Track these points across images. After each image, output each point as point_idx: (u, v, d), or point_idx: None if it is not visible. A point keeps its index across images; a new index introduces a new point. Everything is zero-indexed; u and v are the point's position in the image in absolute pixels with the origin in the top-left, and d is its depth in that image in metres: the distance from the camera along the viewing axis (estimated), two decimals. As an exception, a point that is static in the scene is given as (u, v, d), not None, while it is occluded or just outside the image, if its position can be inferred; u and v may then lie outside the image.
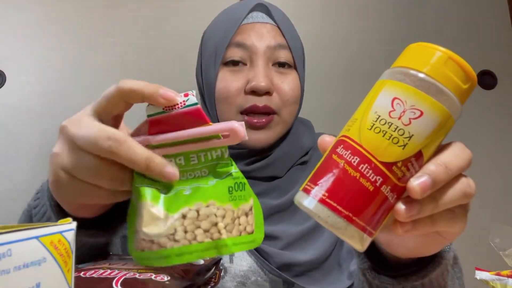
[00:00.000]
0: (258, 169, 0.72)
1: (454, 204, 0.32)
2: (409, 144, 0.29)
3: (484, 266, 0.51)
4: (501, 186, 1.26)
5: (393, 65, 0.32)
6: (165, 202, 0.35)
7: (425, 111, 0.29)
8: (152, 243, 0.34)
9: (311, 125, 0.84)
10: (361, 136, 0.30)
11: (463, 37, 1.32)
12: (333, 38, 1.28)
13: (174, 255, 0.34)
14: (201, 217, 0.35)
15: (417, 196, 0.29)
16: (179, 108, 0.35)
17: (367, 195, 0.29)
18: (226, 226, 0.35)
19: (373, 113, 0.30)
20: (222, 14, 0.76)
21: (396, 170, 0.29)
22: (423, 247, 0.37)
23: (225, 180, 0.37)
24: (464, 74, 0.31)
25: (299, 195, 0.32)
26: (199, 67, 0.76)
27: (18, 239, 0.24)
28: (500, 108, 1.30)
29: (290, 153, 0.74)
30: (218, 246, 0.35)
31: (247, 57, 0.69)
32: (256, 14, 0.71)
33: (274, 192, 0.72)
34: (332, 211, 0.29)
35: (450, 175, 0.31)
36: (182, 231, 0.34)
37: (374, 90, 0.32)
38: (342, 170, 0.29)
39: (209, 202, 0.35)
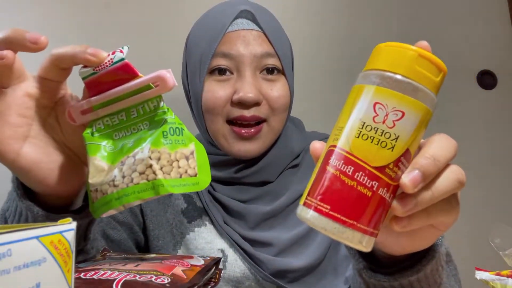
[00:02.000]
0: (248, 175, 0.71)
1: (449, 193, 0.33)
2: (396, 145, 0.30)
3: (484, 266, 0.51)
4: (501, 186, 1.26)
5: (366, 68, 0.33)
6: (110, 156, 0.38)
7: (406, 111, 0.30)
8: (97, 192, 0.37)
9: (301, 125, 0.82)
10: (350, 145, 0.31)
11: (463, 37, 1.32)
12: (332, 38, 1.28)
13: (114, 199, 0.36)
14: (137, 162, 0.36)
15: (410, 190, 0.30)
16: (108, 66, 0.37)
17: (367, 200, 0.30)
18: (162, 168, 0.36)
19: (357, 121, 0.31)
20: (206, 19, 0.73)
21: (389, 172, 0.31)
22: (417, 241, 0.38)
23: (162, 126, 0.38)
24: (435, 67, 0.32)
25: (301, 210, 0.32)
26: (184, 74, 0.74)
27: (18, 239, 0.24)
28: (500, 108, 1.30)
29: (280, 157, 0.73)
30: (154, 187, 0.36)
31: (233, 67, 0.67)
32: (241, 20, 0.68)
33: (266, 197, 0.72)
34: (337, 222, 0.30)
35: (439, 166, 0.32)
36: (121, 176, 0.36)
37: (353, 96, 0.32)
38: (339, 180, 0.30)
39: (144, 146, 0.37)
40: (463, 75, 1.30)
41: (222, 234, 0.69)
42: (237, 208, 0.70)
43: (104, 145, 0.39)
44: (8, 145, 0.38)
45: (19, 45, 0.36)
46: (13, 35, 0.36)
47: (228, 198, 0.71)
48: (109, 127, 0.40)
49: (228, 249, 0.68)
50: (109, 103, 0.39)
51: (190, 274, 0.40)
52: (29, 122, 0.39)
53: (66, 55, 0.37)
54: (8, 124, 0.38)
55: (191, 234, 0.69)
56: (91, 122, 0.40)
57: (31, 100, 0.39)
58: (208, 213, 0.70)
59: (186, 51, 0.75)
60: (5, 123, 0.38)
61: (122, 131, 0.39)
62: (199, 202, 0.72)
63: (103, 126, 0.40)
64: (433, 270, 0.41)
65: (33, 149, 0.39)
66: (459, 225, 1.40)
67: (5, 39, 0.35)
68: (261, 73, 0.68)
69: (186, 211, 0.71)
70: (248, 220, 0.70)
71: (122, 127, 0.39)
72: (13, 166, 0.39)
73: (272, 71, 0.68)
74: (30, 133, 0.39)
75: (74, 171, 0.42)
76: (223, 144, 0.69)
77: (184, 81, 0.74)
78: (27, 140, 0.39)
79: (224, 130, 0.68)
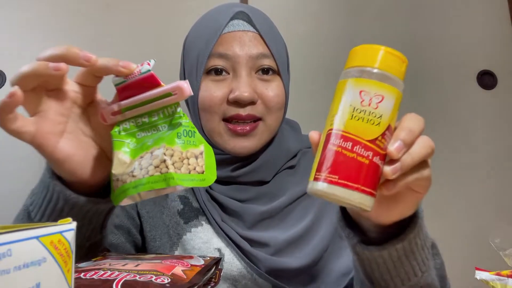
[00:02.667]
0: (244, 174, 0.71)
1: (424, 156, 0.40)
2: (381, 122, 0.38)
3: (484, 266, 0.51)
4: (501, 186, 1.26)
5: (347, 66, 0.41)
6: (132, 152, 0.45)
7: (385, 95, 0.39)
8: (118, 181, 0.43)
9: (298, 127, 0.83)
10: (345, 125, 0.38)
11: (463, 37, 1.32)
12: (330, 39, 1.28)
13: (131, 187, 0.42)
14: (153, 157, 0.42)
15: (395, 157, 0.38)
16: (137, 76, 0.44)
17: (366, 167, 0.38)
18: (173, 163, 0.42)
19: (348, 106, 0.39)
20: (203, 20, 0.74)
21: (378, 143, 0.38)
22: (401, 206, 0.44)
23: (177, 129, 0.44)
24: (399, 59, 0.40)
25: (312, 184, 0.39)
26: (182, 74, 0.75)
27: (18, 239, 0.24)
28: (500, 108, 1.30)
29: (276, 157, 0.74)
30: (166, 179, 0.41)
31: (229, 67, 0.68)
32: (237, 22, 0.69)
33: (264, 198, 0.72)
34: (346, 188, 0.37)
35: (414, 135, 0.40)
36: (139, 168, 0.43)
37: (340, 89, 0.40)
38: (341, 155, 0.38)
39: (161, 144, 0.43)
40: (463, 75, 1.30)
41: (219, 232, 0.69)
42: (234, 207, 0.70)
43: (128, 142, 0.46)
44: (48, 139, 0.44)
45: (74, 61, 0.43)
46: (69, 53, 0.42)
47: (226, 197, 0.71)
48: (134, 127, 0.46)
49: (224, 248, 0.68)
50: (135, 107, 0.45)
51: (190, 274, 0.40)
52: (66, 120, 0.45)
53: (102, 67, 0.43)
54: (49, 121, 0.44)
55: (188, 234, 0.70)
56: (118, 122, 0.46)
57: (69, 101, 0.45)
58: (205, 212, 0.71)
59: (183, 51, 0.76)
60: (46, 120, 0.44)
61: (144, 131, 0.46)
62: (195, 203, 0.72)
63: (128, 126, 0.46)
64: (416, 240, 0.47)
65: (68, 143, 0.45)
66: (459, 225, 1.40)
67: (63, 56, 0.42)
68: (257, 73, 0.69)
69: (182, 212, 0.72)
70: (245, 219, 0.70)
71: (145, 128, 0.46)
72: (51, 157, 0.45)
73: (268, 71, 0.70)
74: (66, 129, 0.46)
75: (100, 163, 0.48)
76: (218, 141, 0.70)
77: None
78: (63, 135, 0.45)
79: (219, 128, 0.69)
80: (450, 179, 1.25)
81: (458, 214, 1.24)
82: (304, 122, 0.88)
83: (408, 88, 1.36)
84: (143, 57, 1.00)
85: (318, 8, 1.29)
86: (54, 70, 0.41)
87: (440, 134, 1.26)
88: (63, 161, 0.45)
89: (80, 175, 0.46)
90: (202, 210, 0.72)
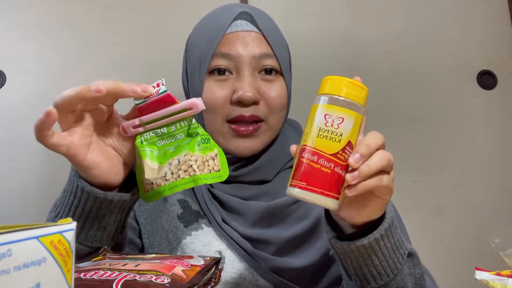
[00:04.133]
0: (246, 174, 0.72)
1: (380, 167, 0.47)
2: (342, 139, 0.47)
3: (484, 266, 0.51)
4: (501, 186, 1.26)
5: (319, 93, 0.50)
6: (158, 158, 0.53)
7: (345, 118, 0.47)
8: (152, 185, 0.52)
9: (299, 126, 0.84)
10: (313, 142, 0.47)
11: (463, 37, 1.32)
12: (330, 39, 1.28)
13: (166, 189, 0.52)
14: (181, 163, 0.52)
15: (354, 166, 0.46)
16: (155, 96, 0.52)
17: (328, 176, 0.47)
18: (198, 166, 0.52)
19: (316, 127, 0.48)
20: (206, 20, 0.75)
21: (339, 156, 0.47)
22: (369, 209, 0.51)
23: (195, 137, 0.53)
24: (359, 88, 0.49)
25: (288, 189, 0.48)
26: (184, 74, 0.75)
27: (18, 239, 0.24)
28: (500, 108, 1.30)
29: (278, 157, 0.74)
30: (195, 180, 0.51)
31: (232, 67, 0.68)
32: (240, 22, 0.70)
33: (266, 196, 0.72)
34: (312, 192, 0.46)
35: (371, 149, 0.47)
36: (170, 173, 0.52)
37: (312, 113, 0.49)
38: (309, 166, 0.47)
39: (185, 153, 0.52)
40: (463, 75, 1.30)
41: (221, 234, 0.69)
42: (236, 205, 0.70)
43: (151, 150, 0.53)
44: (79, 150, 0.50)
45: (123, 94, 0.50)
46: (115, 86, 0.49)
47: (227, 195, 0.71)
48: (154, 137, 0.54)
49: (225, 250, 0.68)
50: (155, 121, 0.53)
51: (190, 274, 0.40)
52: (91, 133, 0.52)
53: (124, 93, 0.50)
54: (78, 135, 0.51)
55: (188, 238, 0.69)
56: (139, 134, 0.54)
57: (92, 118, 0.52)
58: (206, 213, 0.70)
59: (186, 52, 0.76)
60: (76, 134, 0.50)
61: (164, 140, 0.54)
62: (194, 206, 0.72)
63: (149, 136, 0.54)
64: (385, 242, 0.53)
65: (94, 153, 0.52)
66: (459, 225, 1.40)
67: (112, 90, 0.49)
68: (259, 74, 0.69)
69: (182, 216, 0.72)
70: (248, 216, 0.70)
71: (164, 137, 0.54)
72: (82, 164, 0.51)
73: (270, 71, 0.70)
74: (92, 141, 0.52)
75: (120, 168, 0.55)
76: (221, 142, 0.70)
77: (184, 82, 0.75)
78: (90, 146, 0.52)
79: (223, 129, 0.69)
80: (450, 179, 1.25)
81: (458, 214, 1.24)
82: (304, 123, 0.88)
83: (408, 88, 1.36)
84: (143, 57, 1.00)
85: (318, 8, 1.29)
86: (95, 92, 0.47)
87: (440, 134, 1.26)
88: (92, 167, 0.51)
89: (105, 178, 0.53)
90: (202, 212, 0.72)
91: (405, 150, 1.24)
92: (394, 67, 1.28)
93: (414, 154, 1.25)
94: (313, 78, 1.22)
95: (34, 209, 1.08)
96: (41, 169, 1.11)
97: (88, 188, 0.52)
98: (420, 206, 1.21)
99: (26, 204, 1.09)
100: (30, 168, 1.11)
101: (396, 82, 1.27)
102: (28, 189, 1.10)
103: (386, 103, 1.25)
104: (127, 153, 0.55)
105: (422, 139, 1.25)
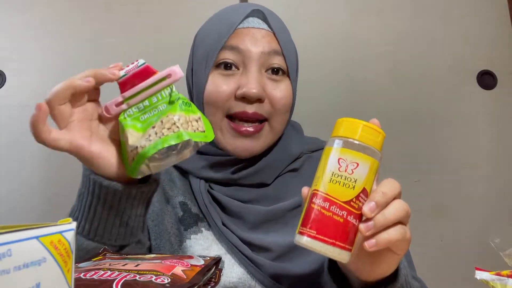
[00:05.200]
0: (245, 176, 0.71)
1: (397, 217, 0.44)
2: (356, 185, 0.44)
3: (484, 266, 0.51)
4: (501, 186, 1.26)
5: (332, 135, 0.47)
6: (140, 129, 0.52)
7: (359, 163, 0.45)
8: (136, 149, 0.50)
9: (300, 128, 0.83)
10: (325, 188, 0.44)
11: (463, 37, 1.32)
12: (333, 38, 1.28)
13: (151, 148, 0.49)
14: (164, 123, 0.50)
15: (368, 216, 0.43)
16: (135, 69, 0.53)
17: (340, 225, 0.43)
18: (182, 124, 0.50)
19: (328, 171, 0.45)
20: (216, 17, 0.74)
21: (353, 204, 0.44)
22: (382, 265, 0.48)
23: (176, 102, 0.52)
24: (376, 132, 0.46)
25: (296, 237, 0.45)
26: (189, 69, 0.75)
27: (18, 239, 0.24)
28: (500, 108, 1.30)
29: (278, 160, 0.73)
30: (179, 135, 0.49)
31: (240, 62, 0.68)
32: (252, 19, 0.70)
33: (266, 200, 0.71)
34: (322, 242, 0.43)
35: (387, 198, 0.44)
36: (154, 133, 0.50)
37: (326, 155, 0.46)
38: (320, 213, 0.44)
39: (167, 114, 0.51)
40: (463, 75, 1.30)
41: (220, 238, 0.68)
42: (236, 208, 0.70)
43: (134, 123, 0.53)
44: (82, 142, 0.51)
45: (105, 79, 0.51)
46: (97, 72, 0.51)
47: (227, 198, 0.70)
48: (137, 112, 0.53)
49: (224, 255, 0.67)
50: (136, 95, 0.53)
51: (190, 274, 0.40)
52: (89, 126, 0.53)
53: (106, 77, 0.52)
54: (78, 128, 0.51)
55: (188, 241, 0.69)
56: (123, 112, 0.53)
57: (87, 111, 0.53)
58: (206, 216, 0.70)
59: (193, 46, 0.75)
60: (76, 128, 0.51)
61: (147, 113, 0.53)
62: (194, 208, 0.72)
63: (132, 112, 0.53)
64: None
65: (97, 143, 0.52)
66: (459, 224, 1.40)
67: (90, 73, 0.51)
68: (266, 72, 0.69)
69: (182, 219, 0.71)
70: (247, 220, 0.69)
71: (146, 110, 0.53)
72: (88, 156, 0.51)
73: (277, 71, 0.69)
74: (92, 133, 0.52)
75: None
76: (219, 138, 0.69)
77: (188, 78, 0.75)
78: (92, 137, 0.52)
79: (222, 124, 0.68)
80: (450, 179, 1.25)
81: (458, 214, 1.24)
82: (305, 123, 0.88)
83: (408, 88, 1.36)
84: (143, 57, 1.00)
85: (318, 8, 1.29)
86: (85, 82, 0.49)
87: (440, 134, 1.26)
88: (98, 156, 0.51)
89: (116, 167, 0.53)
90: (201, 215, 0.71)
91: (405, 150, 1.24)
92: (394, 67, 1.28)
93: (414, 154, 1.25)
94: (313, 78, 1.23)
95: (34, 209, 1.08)
96: (41, 169, 1.11)
97: (106, 182, 0.52)
98: (420, 206, 1.21)
99: (27, 204, 1.09)
100: (30, 168, 1.11)
101: (396, 82, 1.27)
102: (28, 189, 1.10)
103: (386, 103, 1.25)
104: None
105: (422, 139, 1.25)
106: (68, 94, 0.49)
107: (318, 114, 1.20)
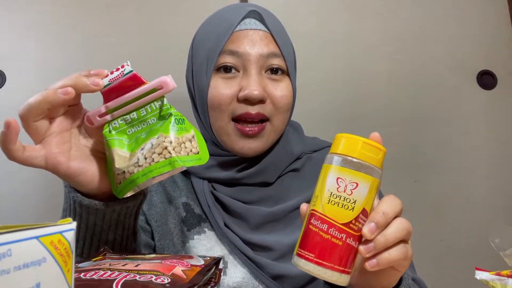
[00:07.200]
0: (249, 176, 0.71)
1: (399, 238, 0.43)
2: (355, 207, 0.42)
3: (484, 266, 0.51)
4: (501, 186, 1.26)
5: (331, 151, 0.45)
6: (129, 146, 0.48)
7: (359, 182, 0.43)
8: (124, 174, 0.46)
9: (300, 128, 0.84)
10: (323, 209, 0.43)
11: (463, 37, 1.32)
12: (333, 38, 1.28)
13: (140, 176, 0.46)
14: (154, 146, 0.46)
15: (368, 237, 0.42)
16: (120, 78, 0.47)
17: (339, 248, 0.42)
18: (174, 148, 0.46)
19: (327, 191, 0.43)
20: (213, 19, 0.74)
21: (352, 226, 0.42)
22: (383, 281, 0.47)
23: (168, 119, 0.47)
24: (376, 149, 0.44)
25: (295, 259, 0.44)
26: (189, 72, 0.75)
27: (18, 239, 0.24)
28: (500, 108, 1.30)
29: (280, 159, 0.74)
30: (171, 162, 0.45)
31: (240, 64, 0.68)
32: (249, 20, 0.70)
33: (269, 200, 0.72)
34: (320, 266, 0.42)
35: (387, 218, 0.43)
36: (143, 158, 0.46)
37: (323, 173, 0.45)
38: (318, 235, 0.42)
39: (158, 135, 0.46)
40: (463, 75, 1.30)
41: (222, 239, 0.69)
42: (239, 209, 0.70)
43: (121, 139, 0.48)
44: (59, 158, 0.47)
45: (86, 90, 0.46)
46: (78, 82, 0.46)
47: (230, 199, 0.71)
48: (123, 125, 0.49)
49: (227, 256, 0.68)
50: (122, 106, 0.48)
51: (190, 274, 0.40)
52: (69, 138, 0.49)
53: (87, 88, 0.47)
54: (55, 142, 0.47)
55: (191, 242, 0.69)
56: (107, 123, 0.49)
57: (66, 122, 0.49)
58: (209, 217, 0.70)
59: (192, 49, 0.76)
60: (53, 143, 0.47)
61: (134, 127, 0.49)
62: (196, 209, 0.72)
63: (118, 124, 0.49)
64: None
65: (77, 157, 0.48)
66: (459, 224, 1.40)
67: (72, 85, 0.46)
68: (266, 73, 0.69)
69: (185, 220, 0.71)
70: (250, 221, 0.70)
71: (134, 124, 0.49)
72: (67, 172, 0.47)
73: (277, 71, 0.70)
74: (71, 146, 0.48)
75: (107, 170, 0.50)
76: (226, 141, 0.70)
77: (189, 80, 0.75)
78: (71, 152, 0.48)
79: (228, 127, 0.69)
80: (450, 179, 1.25)
81: (458, 214, 1.24)
82: (305, 123, 0.88)
83: (408, 88, 1.36)
84: (143, 57, 0.99)
85: (318, 8, 1.29)
86: (63, 95, 0.44)
87: (440, 134, 1.26)
88: (78, 173, 0.48)
89: (99, 183, 0.49)
90: (204, 216, 0.71)
91: (405, 150, 1.24)
92: (394, 67, 1.28)
93: (414, 154, 1.25)
94: (312, 78, 1.23)
95: (34, 209, 1.08)
96: (41, 169, 1.11)
97: (86, 201, 0.49)
98: (420, 206, 1.21)
99: (26, 204, 1.09)
100: (30, 168, 1.11)
101: (396, 82, 1.27)
102: (29, 189, 1.10)
103: (386, 103, 1.25)
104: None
105: (422, 139, 1.25)
106: (44, 109, 0.45)
107: (318, 114, 1.20)
